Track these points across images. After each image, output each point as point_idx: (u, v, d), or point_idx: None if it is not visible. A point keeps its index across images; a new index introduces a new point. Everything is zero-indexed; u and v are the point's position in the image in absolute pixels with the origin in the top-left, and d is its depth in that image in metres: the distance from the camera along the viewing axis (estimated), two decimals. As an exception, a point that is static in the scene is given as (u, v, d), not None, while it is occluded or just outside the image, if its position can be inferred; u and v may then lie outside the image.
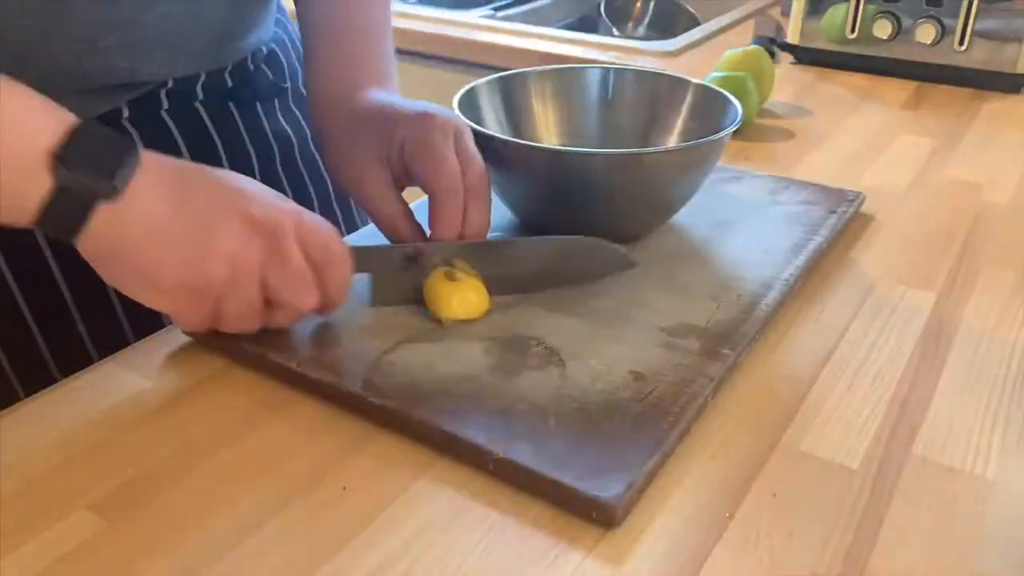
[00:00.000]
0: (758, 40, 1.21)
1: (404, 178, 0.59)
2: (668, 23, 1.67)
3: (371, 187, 0.59)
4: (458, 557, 0.40)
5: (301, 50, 0.74)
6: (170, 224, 0.47)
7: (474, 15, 1.51)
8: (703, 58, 1.25)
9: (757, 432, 0.48)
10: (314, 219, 0.51)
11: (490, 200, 0.58)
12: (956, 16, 1.06)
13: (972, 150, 0.88)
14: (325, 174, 0.77)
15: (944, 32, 1.07)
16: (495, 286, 0.57)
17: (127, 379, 0.52)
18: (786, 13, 1.22)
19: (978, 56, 1.06)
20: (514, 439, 0.45)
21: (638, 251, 0.63)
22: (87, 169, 0.44)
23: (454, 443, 0.46)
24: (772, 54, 1.20)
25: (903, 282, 0.63)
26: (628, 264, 0.60)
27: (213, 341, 0.54)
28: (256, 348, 0.52)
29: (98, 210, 0.45)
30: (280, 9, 0.78)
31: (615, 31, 1.62)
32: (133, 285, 0.48)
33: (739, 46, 1.00)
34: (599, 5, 1.65)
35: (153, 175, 0.47)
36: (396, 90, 0.64)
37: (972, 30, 1.06)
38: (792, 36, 1.17)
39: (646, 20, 1.74)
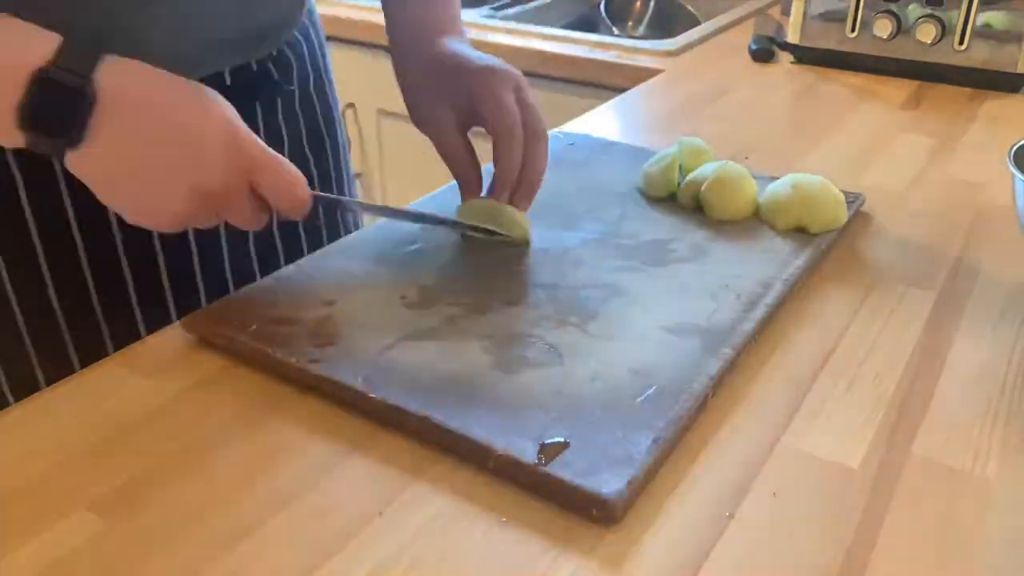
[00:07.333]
0: (758, 39, 1.22)
1: (470, 120, 0.67)
2: (668, 22, 1.67)
3: (439, 126, 0.67)
4: (458, 557, 0.40)
5: (320, 53, 0.79)
6: (128, 172, 0.51)
7: (474, 14, 1.51)
8: (703, 58, 1.25)
9: (757, 432, 0.48)
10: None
11: (547, 144, 0.66)
12: (956, 16, 1.06)
13: (972, 150, 0.88)
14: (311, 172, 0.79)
15: (944, 32, 1.07)
16: None
17: (127, 379, 0.52)
18: (786, 13, 1.22)
19: (978, 56, 1.06)
20: (514, 437, 0.45)
21: (637, 250, 0.63)
22: (45, 130, 0.49)
23: (454, 441, 0.46)
24: (772, 53, 1.20)
25: (903, 282, 0.63)
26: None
27: (214, 340, 0.54)
28: (257, 346, 0.52)
29: (68, 153, 0.50)
30: (311, 11, 0.78)
31: (615, 30, 1.62)
32: (114, 207, 0.54)
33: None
34: (599, 4, 1.65)
35: (117, 126, 0.50)
36: (463, 34, 0.72)
37: (972, 30, 1.06)
38: (792, 36, 1.17)
39: (646, 19, 1.74)
